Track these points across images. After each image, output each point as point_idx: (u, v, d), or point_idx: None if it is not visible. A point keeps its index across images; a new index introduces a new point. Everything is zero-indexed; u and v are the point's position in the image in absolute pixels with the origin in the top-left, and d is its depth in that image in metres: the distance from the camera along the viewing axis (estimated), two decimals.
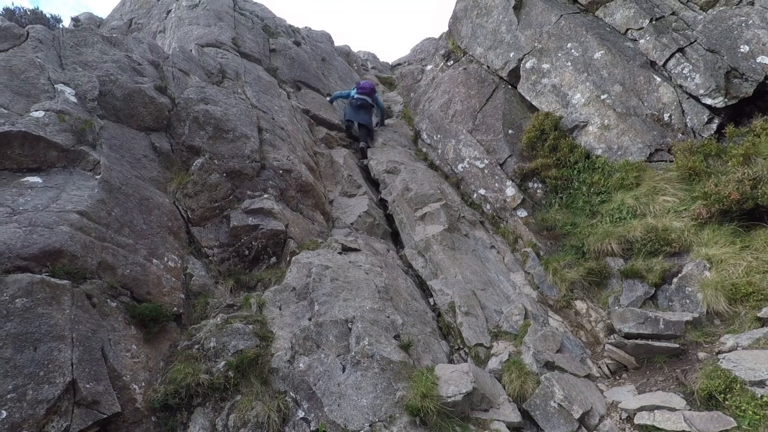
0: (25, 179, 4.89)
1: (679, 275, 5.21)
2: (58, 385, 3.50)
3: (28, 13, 11.20)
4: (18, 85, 5.69)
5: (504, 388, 4.76)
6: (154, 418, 4.05)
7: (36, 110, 5.46)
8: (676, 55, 6.80)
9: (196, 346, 4.60)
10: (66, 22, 12.61)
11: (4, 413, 3.25)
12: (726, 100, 6.24)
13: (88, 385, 3.65)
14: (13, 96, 5.51)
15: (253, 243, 6.16)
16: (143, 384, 4.16)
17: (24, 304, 3.72)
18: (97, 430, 3.67)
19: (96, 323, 4.10)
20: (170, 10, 12.16)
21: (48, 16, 11.60)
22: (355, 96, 9.92)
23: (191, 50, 9.39)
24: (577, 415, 4.28)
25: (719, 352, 4.27)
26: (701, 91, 6.39)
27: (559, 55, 7.98)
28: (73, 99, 6.00)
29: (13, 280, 3.81)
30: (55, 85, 5.98)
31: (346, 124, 10.21)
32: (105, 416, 3.63)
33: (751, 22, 6.33)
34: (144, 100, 6.71)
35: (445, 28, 11.99)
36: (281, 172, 7.24)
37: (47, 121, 5.37)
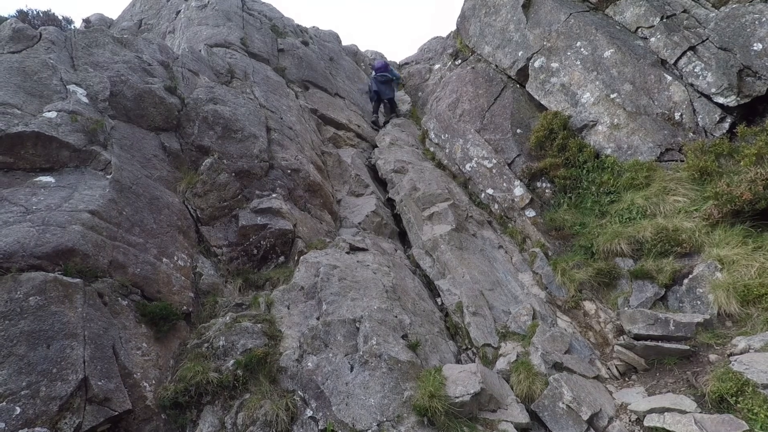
0: (38, 179, 4.97)
1: (690, 276, 5.15)
2: (71, 383, 3.56)
3: (41, 14, 11.33)
4: (31, 86, 5.77)
5: (512, 389, 4.75)
6: (164, 416, 4.10)
7: (49, 111, 5.54)
8: (688, 53, 6.71)
9: (206, 345, 4.64)
10: (77, 24, 12.74)
11: (18, 409, 3.31)
12: (738, 98, 6.15)
13: (99, 383, 3.71)
14: (26, 97, 5.59)
15: (262, 242, 6.20)
16: (153, 382, 4.21)
17: (37, 302, 3.79)
18: (108, 427, 3.72)
19: (107, 321, 4.16)
20: (179, 11, 12.25)
21: (60, 17, 11.74)
22: (377, 75, 11.33)
23: (200, 50, 9.46)
24: (585, 417, 4.25)
25: (731, 355, 4.22)
26: (713, 90, 6.31)
27: (568, 53, 7.92)
28: (85, 99, 6.07)
29: (26, 279, 3.87)
30: (67, 86, 6.06)
31: (372, 95, 11.73)
32: (116, 413, 3.69)
33: (764, 19, 6.22)
34: (154, 100, 6.77)
35: (449, 27, 11.95)
36: (289, 171, 7.27)
37: (60, 121, 5.44)
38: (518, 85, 8.81)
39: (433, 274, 6.59)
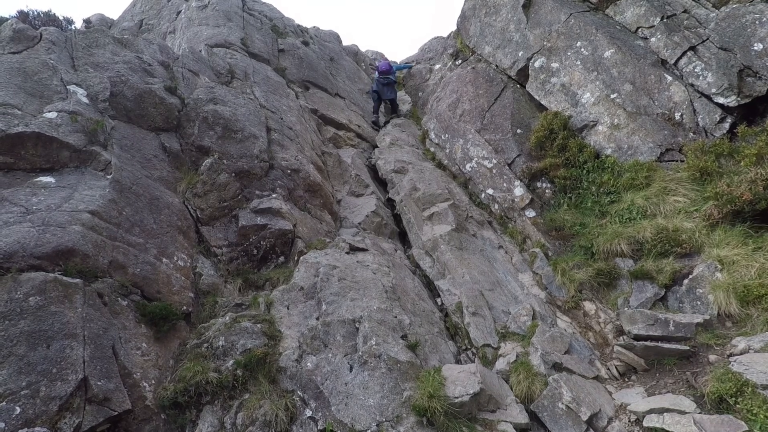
0: (39, 179, 4.98)
1: (690, 276, 5.14)
2: (71, 383, 3.57)
3: (41, 15, 11.35)
4: (31, 87, 5.78)
5: (511, 389, 4.75)
6: (164, 416, 4.11)
7: (49, 111, 5.55)
8: (688, 53, 6.70)
9: (205, 345, 4.64)
10: (78, 24, 12.75)
11: (18, 409, 3.32)
12: (739, 98, 6.14)
13: (99, 383, 3.71)
14: (26, 97, 5.60)
15: (262, 242, 6.20)
16: (153, 382, 4.22)
17: (37, 302, 3.80)
18: (108, 427, 3.73)
19: (107, 321, 4.17)
20: (180, 11, 12.26)
21: (61, 18, 11.75)
22: (380, 77, 11.50)
23: (201, 51, 9.47)
24: (585, 417, 4.25)
25: (731, 355, 4.22)
26: (713, 90, 6.30)
27: (569, 53, 7.92)
28: (85, 100, 6.08)
29: (26, 279, 3.88)
30: (68, 86, 6.07)
31: (373, 95, 11.93)
32: (116, 413, 3.69)
33: (765, 19, 6.21)
34: (154, 100, 6.78)
35: (449, 28, 11.98)
36: (289, 171, 7.28)
37: (60, 121, 5.45)
38: (518, 86, 8.80)
39: (432, 275, 6.59)
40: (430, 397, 4.10)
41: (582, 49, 7.74)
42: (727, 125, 6.21)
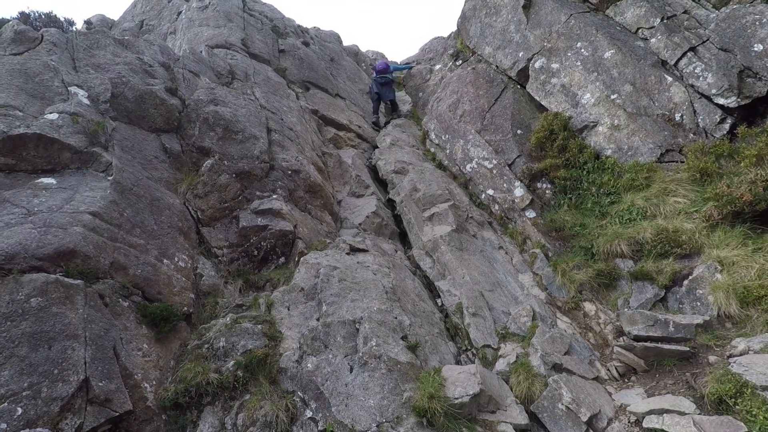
0: (40, 180, 4.99)
1: (690, 277, 5.15)
2: (72, 383, 3.58)
3: (43, 16, 11.37)
4: (33, 88, 5.80)
5: (511, 390, 4.75)
6: (165, 417, 4.12)
7: (50, 112, 5.56)
8: (688, 54, 6.70)
9: (206, 346, 4.66)
10: (79, 25, 12.77)
11: (20, 410, 3.34)
12: (739, 99, 6.14)
13: (100, 384, 3.73)
14: (28, 98, 5.62)
15: (262, 243, 6.21)
16: (154, 383, 4.23)
17: (39, 303, 3.81)
18: (109, 428, 3.75)
19: (108, 322, 4.18)
20: (181, 12, 12.28)
21: (62, 19, 11.78)
22: (378, 76, 11.61)
23: (201, 51, 9.48)
24: (584, 418, 4.26)
25: (730, 356, 4.22)
26: (713, 91, 6.30)
27: (569, 54, 7.92)
28: (86, 101, 6.09)
29: (28, 280, 3.90)
30: (69, 88, 6.08)
31: (373, 95, 11.93)
32: (117, 414, 3.71)
33: (765, 20, 6.21)
34: (155, 101, 6.79)
35: (450, 28, 12.00)
36: (290, 172, 7.29)
37: (61, 123, 5.47)
38: (519, 86, 8.81)
39: (433, 275, 6.60)
40: (430, 398, 4.11)
41: (582, 50, 7.75)
42: (727, 126, 6.21)
